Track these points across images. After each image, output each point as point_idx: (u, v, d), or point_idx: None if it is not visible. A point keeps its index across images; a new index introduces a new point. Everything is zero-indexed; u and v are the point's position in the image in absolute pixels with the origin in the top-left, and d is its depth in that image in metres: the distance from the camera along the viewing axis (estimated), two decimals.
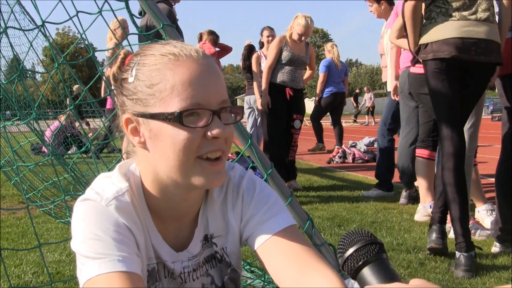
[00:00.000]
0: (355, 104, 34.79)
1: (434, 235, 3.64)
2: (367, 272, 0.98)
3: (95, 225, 1.17)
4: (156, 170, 1.24)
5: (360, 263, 0.99)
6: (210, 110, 1.16)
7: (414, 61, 4.68)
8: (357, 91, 37.75)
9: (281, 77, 6.76)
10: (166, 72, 1.17)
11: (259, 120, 8.60)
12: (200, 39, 8.42)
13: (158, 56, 1.20)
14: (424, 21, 3.54)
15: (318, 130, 11.93)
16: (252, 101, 8.69)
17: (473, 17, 3.32)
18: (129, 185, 1.26)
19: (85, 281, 1.12)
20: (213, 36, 8.28)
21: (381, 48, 6.35)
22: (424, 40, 3.50)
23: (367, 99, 31.26)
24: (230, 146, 1.25)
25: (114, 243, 1.14)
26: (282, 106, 6.81)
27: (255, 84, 7.80)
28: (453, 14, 3.34)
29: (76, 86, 12.62)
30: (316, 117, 11.55)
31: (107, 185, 1.26)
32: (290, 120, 6.89)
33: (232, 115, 1.25)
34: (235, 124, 1.33)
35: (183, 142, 1.16)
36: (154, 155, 1.23)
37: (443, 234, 3.64)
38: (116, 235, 1.16)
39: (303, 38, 6.70)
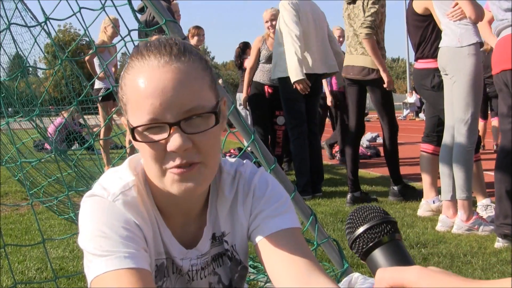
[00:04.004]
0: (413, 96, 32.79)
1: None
2: (379, 254, 0.88)
3: (102, 222, 1.16)
4: None
5: (371, 244, 0.89)
6: (167, 123, 1.10)
7: (416, 58, 4.74)
8: None
9: (260, 75, 6.85)
10: (130, 84, 1.14)
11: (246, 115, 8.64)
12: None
13: (131, 66, 1.17)
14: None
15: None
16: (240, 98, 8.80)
17: (355, 53, 5.47)
18: (138, 178, 1.26)
19: (93, 278, 1.12)
20: (194, 30, 8.21)
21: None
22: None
23: None
24: (207, 155, 1.16)
25: (120, 240, 1.14)
26: (261, 103, 6.95)
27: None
28: (350, 51, 5.58)
29: None
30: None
31: (114, 180, 1.25)
32: (273, 117, 6.97)
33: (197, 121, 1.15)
34: (239, 118, 1.29)
35: (148, 155, 1.14)
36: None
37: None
38: (123, 232, 1.16)
39: (268, 26, 6.76)
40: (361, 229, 0.91)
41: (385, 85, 5.30)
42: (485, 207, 4.58)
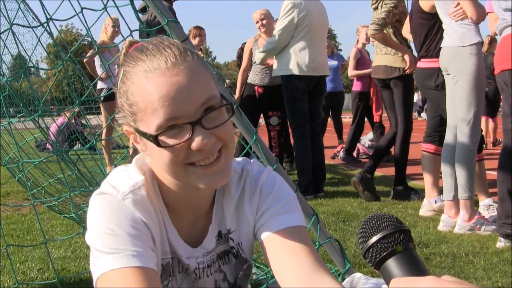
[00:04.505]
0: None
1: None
2: (392, 263, 0.87)
3: (110, 220, 1.16)
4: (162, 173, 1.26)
5: (384, 253, 0.88)
6: (189, 123, 1.12)
7: (420, 56, 4.74)
8: None
9: (251, 76, 6.91)
10: (139, 91, 1.14)
11: None
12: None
13: (133, 73, 1.16)
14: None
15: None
16: None
17: (380, 53, 5.69)
18: (145, 178, 1.26)
19: (99, 275, 1.12)
20: (196, 31, 8.19)
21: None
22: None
23: None
24: (228, 141, 1.20)
25: (128, 238, 1.14)
26: (250, 104, 6.98)
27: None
28: (376, 52, 5.78)
29: None
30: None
31: (123, 179, 1.26)
32: (267, 118, 6.98)
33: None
34: (241, 118, 1.29)
35: (168, 158, 1.15)
36: (154, 162, 1.24)
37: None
38: (131, 230, 1.16)
39: (259, 26, 6.79)
40: (374, 239, 0.90)
41: (406, 68, 5.41)
42: (487, 207, 4.58)
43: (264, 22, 6.79)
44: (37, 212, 3.08)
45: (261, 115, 7.47)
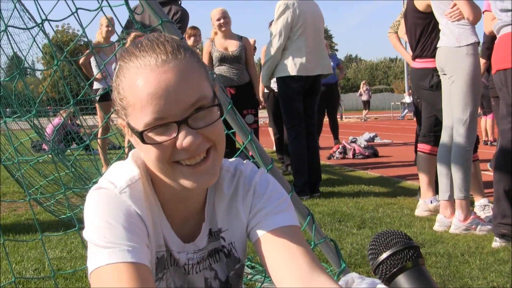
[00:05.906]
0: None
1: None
2: (403, 280, 0.90)
3: (108, 213, 1.17)
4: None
5: (395, 270, 0.91)
6: (175, 122, 1.12)
7: (414, 56, 4.74)
8: None
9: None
10: (129, 86, 1.14)
11: None
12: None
13: (125, 68, 1.16)
14: None
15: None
16: None
17: None
18: (140, 172, 1.27)
19: (93, 269, 1.12)
20: (191, 31, 8.14)
21: None
22: None
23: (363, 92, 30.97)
24: (217, 141, 1.20)
25: (125, 233, 1.14)
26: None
27: None
28: None
29: None
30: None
31: (120, 173, 1.26)
32: (242, 117, 7.04)
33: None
34: (236, 118, 1.28)
35: (154, 154, 1.15)
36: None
37: None
38: (127, 224, 1.16)
39: (220, 23, 6.76)
40: (384, 255, 0.93)
41: None
42: (483, 207, 4.58)
43: (226, 20, 6.76)
44: (31, 205, 3.07)
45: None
